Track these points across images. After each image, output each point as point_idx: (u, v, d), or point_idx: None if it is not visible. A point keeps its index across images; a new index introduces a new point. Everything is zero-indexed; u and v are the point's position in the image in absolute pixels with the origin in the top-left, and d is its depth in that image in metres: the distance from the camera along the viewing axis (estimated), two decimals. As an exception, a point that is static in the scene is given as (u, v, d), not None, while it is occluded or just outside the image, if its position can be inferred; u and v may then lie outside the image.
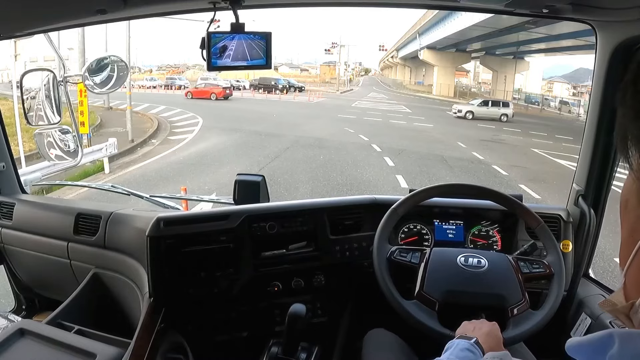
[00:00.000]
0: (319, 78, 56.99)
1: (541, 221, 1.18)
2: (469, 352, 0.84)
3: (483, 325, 0.94)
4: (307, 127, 13.47)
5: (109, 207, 1.60)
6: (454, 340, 0.89)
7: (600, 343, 0.37)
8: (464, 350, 0.84)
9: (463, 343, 0.86)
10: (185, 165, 8.26)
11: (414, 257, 1.16)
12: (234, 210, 1.41)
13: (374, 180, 7.44)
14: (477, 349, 0.85)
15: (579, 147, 1.35)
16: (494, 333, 0.93)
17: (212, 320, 1.42)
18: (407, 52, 43.89)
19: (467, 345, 0.85)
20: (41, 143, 1.71)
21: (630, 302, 0.38)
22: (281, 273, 1.42)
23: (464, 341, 0.86)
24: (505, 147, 12.14)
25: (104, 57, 1.73)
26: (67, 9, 1.09)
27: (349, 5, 1.34)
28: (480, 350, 0.85)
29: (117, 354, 1.16)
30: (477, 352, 0.84)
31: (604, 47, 1.18)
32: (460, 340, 0.87)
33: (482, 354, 0.85)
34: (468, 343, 0.85)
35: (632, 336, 0.36)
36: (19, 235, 1.70)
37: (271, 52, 1.11)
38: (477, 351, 0.84)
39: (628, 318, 0.39)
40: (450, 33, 26.22)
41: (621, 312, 0.39)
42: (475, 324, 0.95)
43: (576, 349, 0.39)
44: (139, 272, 1.40)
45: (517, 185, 7.54)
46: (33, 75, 1.70)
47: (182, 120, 14.22)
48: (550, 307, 1.07)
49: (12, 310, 1.90)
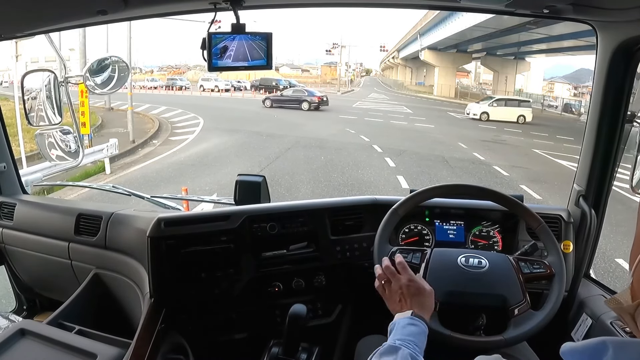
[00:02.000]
0: (320, 79, 56.95)
1: (542, 221, 1.18)
2: (411, 326, 0.87)
3: (407, 297, 0.95)
4: (308, 128, 13.47)
5: (109, 208, 1.61)
6: (393, 321, 0.91)
7: (595, 350, 0.37)
8: (405, 326, 0.87)
9: (403, 320, 0.89)
10: (186, 165, 8.28)
11: (414, 258, 1.16)
12: (235, 211, 1.41)
13: (375, 180, 7.44)
14: (418, 320, 0.89)
15: (580, 148, 1.35)
16: (418, 294, 0.95)
17: (213, 320, 1.42)
18: (408, 53, 43.86)
19: (407, 320, 0.89)
20: (42, 143, 1.71)
21: (637, 302, 0.38)
22: (282, 273, 1.42)
23: (403, 318, 0.90)
24: (506, 147, 12.12)
25: (105, 57, 1.73)
26: (68, 10, 1.09)
27: (349, 5, 1.34)
28: (421, 319, 0.89)
29: (118, 355, 1.16)
30: (419, 322, 0.89)
31: (605, 47, 1.18)
32: (399, 319, 0.90)
33: (423, 322, 0.89)
34: (407, 318, 0.89)
35: (625, 344, 0.37)
36: (20, 236, 1.70)
37: (272, 53, 1.11)
38: (418, 321, 0.89)
39: (632, 318, 0.39)
40: (451, 34, 26.19)
41: (626, 311, 0.38)
42: (400, 303, 0.96)
43: (570, 354, 0.40)
44: (140, 272, 1.41)
45: (518, 185, 7.53)
46: (34, 76, 1.71)
47: (183, 121, 14.24)
48: (551, 307, 1.06)
49: (13, 311, 1.90)
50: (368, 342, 1.24)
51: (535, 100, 27.76)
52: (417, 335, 0.86)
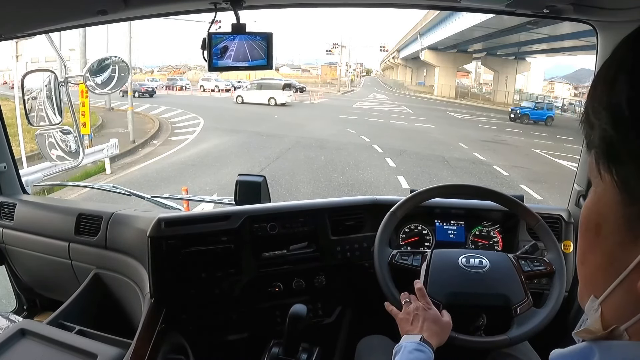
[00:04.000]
0: (320, 79, 56.97)
1: (540, 219, 1.18)
2: (418, 352, 0.85)
3: (420, 319, 0.94)
4: (309, 128, 13.47)
5: (110, 208, 1.61)
6: (400, 343, 0.90)
7: (582, 355, 0.38)
8: (412, 351, 0.85)
9: (410, 345, 0.87)
10: (186, 165, 8.28)
11: (415, 260, 1.16)
12: (235, 211, 1.40)
13: (375, 181, 7.44)
14: (425, 346, 0.87)
15: (580, 148, 1.35)
16: (433, 321, 0.94)
17: (213, 320, 1.42)
18: (409, 53, 43.87)
19: (414, 345, 0.86)
20: (42, 144, 1.71)
21: (611, 328, 0.37)
22: (282, 274, 1.42)
23: (411, 342, 0.87)
24: (506, 147, 12.12)
25: (106, 57, 1.73)
26: (68, 10, 1.09)
27: (349, 5, 1.34)
28: (429, 346, 0.87)
29: (118, 355, 1.16)
30: (426, 349, 0.86)
31: (605, 47, 1.18)
32: (407, 342, 0.88)
33: (431, 350, 0.87)
34: (415, 343, 0.87)
35: (611, 347, 0.37)
36: (20, 236, 1.70)
37: (272, 53, 1.11)
38: (425, 348, 0.86)
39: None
40: (451, 34, 26.20)
41: (602, 339, 0.38)
42: (412, 324, 0.95)
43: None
44: (140, 272, 1.40)
45: (518, 185, 7.53)
46: (34, 76, 1.71)
47: (184, 121, 14.25)
48: (554, 304, 1.06)
49: (13, 311, 1.90)
50: (368, 342, 1.24)
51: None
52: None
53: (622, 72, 0.34)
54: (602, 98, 0.35)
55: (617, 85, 0.33)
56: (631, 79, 0.33)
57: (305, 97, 26.91)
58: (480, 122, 17.85)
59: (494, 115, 21.71)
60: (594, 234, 0.38)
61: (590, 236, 0.39)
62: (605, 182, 0.35)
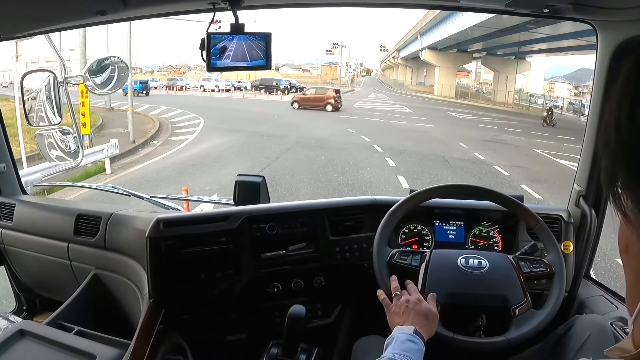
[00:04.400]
0: (321, 79, 57.00)
1: (540, 220, 1.18)
2: (410, 342, 0.87)
3: (411, 313, 0.96)
4: (309, 128, 13.48)
5: (109, 208, 1.61)
6: (392, 334, 0.91)
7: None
8: (404, 342, 0.87)
9: (403, 335, 0.89)
10: (186, 165, 8.28)
11: (414, 260, 1.16)
12: (234, 211, 1.40)
13: (375, 180, 7.44)
14: (417, 338, 0.89)
15: (580, 148, 1.35)
16: (424, 315, 0.96)
17: (212, 321, 1.42)
18: (409, 53, 43.87)
19: (407, 336, 0.89)
20: (42, 144, 1.71)
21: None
22: (281, 274, 1.42)
23: (403, 334, 0.89)
24: (507, 147, 12.11)
25: (105, 58, 1.73)
26: (67, 10, 1.09)
27: (349, 5, 1.34)
28: (420, 337, 0.89)
29: (117, 355, 1.16)
30: (418, 340, 0.88)
31: (605, 47, 1.18)
32: (399, 333, 0.90)
33: (422, 341, 0.89)
34: (408, 334, 0.89)
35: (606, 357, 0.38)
36: (19, 236, 1.70)
37: (271, 53, 1.11)
38: (417, 339, 0.88)
39: None
40: (451, 33, 26.19)
41: (631, 359, 0.38)
42: (403, 316, 0.96)
43: None
44: (139, 273, 1.40)
45: (518, 185, 7.52)
46: (34, 76, 1.71)
47: (184, 121, 14.25)
48: (553, 305, 1.06)
49: (12, 311, 1.90)
50: (364, 342, 1.23)
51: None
52: (414, 352, 0.86)
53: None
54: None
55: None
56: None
57: (305, 97, 26.82)
58: (480, 122, 17.84)
59: (494, 115, 21.70)
60: (625, 253, 0.40)
61: (624, 256, 0.41)
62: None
